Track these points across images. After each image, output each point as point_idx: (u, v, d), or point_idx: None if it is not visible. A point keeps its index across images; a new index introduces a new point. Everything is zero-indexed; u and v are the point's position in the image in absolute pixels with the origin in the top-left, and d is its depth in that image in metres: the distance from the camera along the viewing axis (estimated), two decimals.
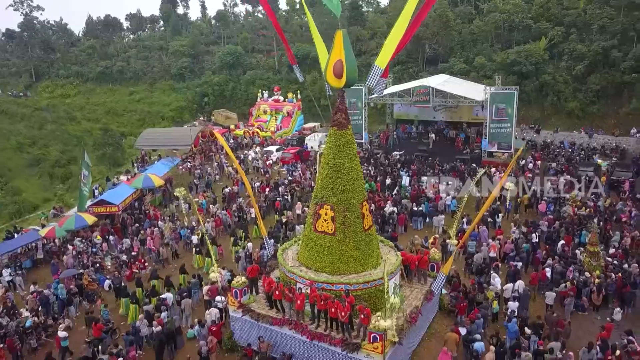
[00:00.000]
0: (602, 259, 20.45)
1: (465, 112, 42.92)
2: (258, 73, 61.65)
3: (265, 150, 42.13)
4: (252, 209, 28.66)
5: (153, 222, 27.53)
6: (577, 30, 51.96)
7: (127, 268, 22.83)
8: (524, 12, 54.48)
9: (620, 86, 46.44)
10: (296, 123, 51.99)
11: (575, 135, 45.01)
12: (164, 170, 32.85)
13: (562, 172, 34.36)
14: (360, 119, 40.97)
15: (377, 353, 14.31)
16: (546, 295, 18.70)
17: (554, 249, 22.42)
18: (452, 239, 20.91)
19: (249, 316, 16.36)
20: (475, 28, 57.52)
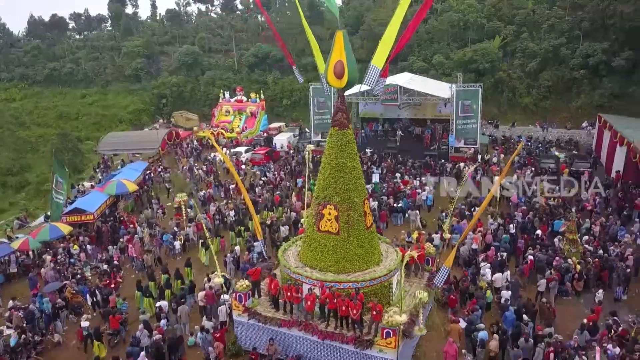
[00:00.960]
0: (581, 246, 21.66)
1: (429, 109, 44.03)
2: (217, 73, 60.71)
3: (234, 151, 41.60)
4: (232, 212, 28.48)
5: (130, 229, 26.64)
6: (527, 29, 54.51)
7: (109, 277, 22.02)
8: (477, 11, 56.51)
9: (570, 82, 49.12)
10: (261, 123, 51.61)
11: (531, 129, 47.25)
12: (135, 175, 31.80)
13: (525, 165, 36.05)
14: (329, 118, 41.11)
15: (390, 348, 14.56)
16: (538, 283, 19.58)
17: (534, 239, 23.53)
18: (446, 233, 21.52)
19: (255, 320, 16.21)
20: (431, 27, 59.11)
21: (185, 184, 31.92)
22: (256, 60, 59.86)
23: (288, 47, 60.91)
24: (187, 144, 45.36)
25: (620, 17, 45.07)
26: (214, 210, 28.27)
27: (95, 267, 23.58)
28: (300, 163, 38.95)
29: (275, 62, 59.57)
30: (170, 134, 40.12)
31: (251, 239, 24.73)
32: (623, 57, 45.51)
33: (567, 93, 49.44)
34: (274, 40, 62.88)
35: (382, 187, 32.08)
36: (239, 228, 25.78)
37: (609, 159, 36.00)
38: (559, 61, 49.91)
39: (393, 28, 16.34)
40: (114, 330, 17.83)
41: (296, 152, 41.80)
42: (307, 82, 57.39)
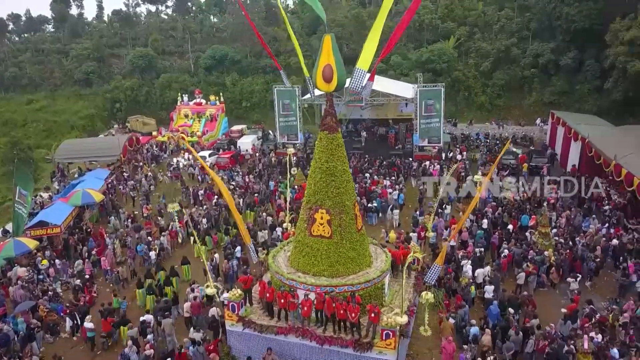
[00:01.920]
0: (552, 239, 22.64)
1: (391, 110, 44.77)
2: (173, 76, 59.16)
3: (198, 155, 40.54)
4: (204, 219, 27.85)
5: (99, 241, 25.53)
6: (479, 30, 56.45)
7: (83, 292, 21.05)
8: (432, 12, 57.92)
9: (522, 80, 51.30)
10: (221, 126, 50.76)
11: (487, 127, 48.94)
12: (99, 184, 30.48)
13: (487, 162, 37.33)
14: (295, 120, 41.05)
15: (390, 349, 14.70)
16: (518, 276, 20.30)
17: (507, 233, 24.39)
18: (429, 232, 21.92)
19: (251, 329, 15.92)
20: (387, 28, 59.92)
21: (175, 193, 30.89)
22: (213, 62, 58.81)
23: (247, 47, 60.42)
24: (147, 149, 43.96)
25: (566, 19, 47.41)
26: (186, 218, 27.48)
27: (66, 283, 22.45)
28: (268, 166, 38.65)
29: (233, 63, 58.73)
30: (131, 139, 38.71)
31: (229, 245, 24.32)
32: (570, 56, 47.95)
33: (520, 91, 51.60)
34: (230, 41, 62.14)
35: None
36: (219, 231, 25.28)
37: (564, 154, 37.83)
38: (510, 61, 51.97)
39: (376, 30, 16.51)
40: (106, 333, 17.82)
41: (262, 155, 41.38)
42: (267, 84, 57.35)
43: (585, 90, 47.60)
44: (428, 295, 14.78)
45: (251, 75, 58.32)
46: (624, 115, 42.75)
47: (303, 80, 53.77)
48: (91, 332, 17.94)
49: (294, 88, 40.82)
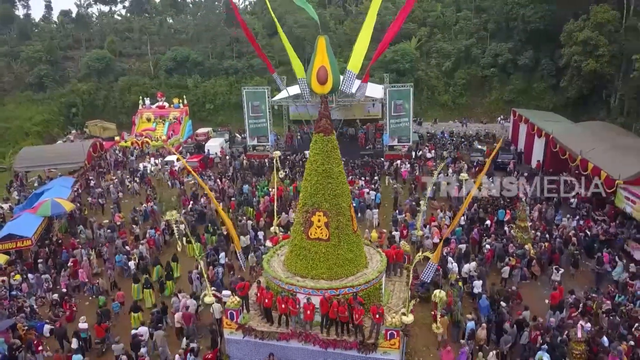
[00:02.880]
0: (531, 233, 23.44)
1: (359, 110, 45.21)
2: (133, 79, 57.31)
3: (166, 160, 39.59)
4: (182, 225, 27.11)
5: (71, 252, 24.40)
6: (439, 31, 57.79)
7: (63, 308, 20.10)
8: (393, 13, 58.68)
9: (482, 79, 52.91)
10: (186, 129, 49.68)
11: (451, 125, 50.17)
12: (67, 193, 29.12)
13: (456, 159, 38.26)
14: (265, 121, 40.68)
15: (394, 349, 14.79)
16: (502, 270, 20.89)
17: (486, 228, 25.07)
18: (418, 231, 22.21)
19: (251, 336, 15.63)
20: (348, 29, 60.50)
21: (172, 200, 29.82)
22: (174, 64, 57.42)
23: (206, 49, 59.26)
24: (111, 155, 42.42)
25: (522, 20, 49.29)
26: (163, 225, 26.75)
27: (41, 298, 21.33)
28: (238, 169, 38.10)
29: (194, 65, 57.55)
30: (94, 145, 37.23)
31: (211, 251, 23.80)
32: (526, 56, 49.88)
33: (480, 90, 53.20)
34: (191, 42, 60.86)
35: None
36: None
37: (527, 150, 39.24)
38: (471, 60, 53.50)
39: (366, 32, 16.61)
40: (100, 339, 17.61)
41: (232, 158, 40.74)
42: (230, 86, 56.58)
43: (542, 88, 49.63)
44: (441, 294, 14.95)
45: (214, 77, 57.32)
46: (579, 112, 44.85)
47: (267, 81, 53.82)
48: (84, 333, 17.63)
49: (264, 89, 40.49)
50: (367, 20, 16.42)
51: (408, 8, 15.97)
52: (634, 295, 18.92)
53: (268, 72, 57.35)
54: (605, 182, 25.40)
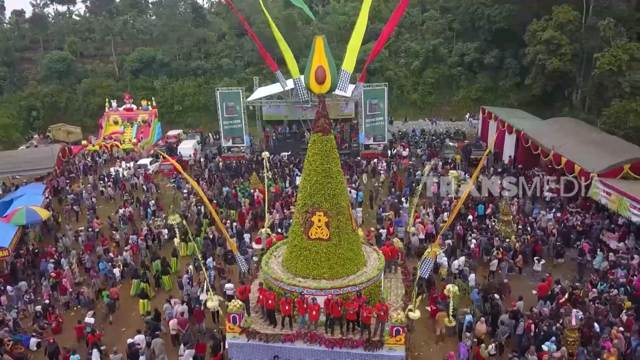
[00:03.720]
0: (514, 226, 24.16)
1: (332, 109, 44.92)
2: (96, 81, 55.50)
3: (139, 164, 38.56)
4: (165, 230, 26.56)
5: (51, 261, 23.45)
6: (407, 31, 58.70)
7: (48, 320, 19.31)
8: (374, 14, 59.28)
9: (450, 78, 54.15)
10: (155, 131, 48.57)
11: (421, 123, 51.02)
12: (40, 200, 27.93)
13: (430, 157, 38.96)
14: (240, 122, 40.23)
15: (399, 345, 14.97)
16: (491, 263, 21.44)
17: (468, 223, 25.66)
18: (410, 227, 22.48)
19: (256, 339, 15.46)
20: (316, 29, 60.58)
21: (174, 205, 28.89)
22: (140, 65, 56.00)
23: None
24: (79, 160, 40.97)
25: (487, 20, 50.72)
26: (145, 230, 26.06)
27: (23, 310, 20.41)
28: (214, 172, 37.52)
29: (161, 66, 56.31)
30: (63, 150, 35.88)
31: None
32: (492, 55, 51.42)
33: (448, 88, 54.41)
34: (157, 43, 59.51)
35: None
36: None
37: (498, 146, 40.33)
38: (438, 60, 54.60)
39: (358, 32, 16.74)
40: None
41: (207, 160, 40.08)
42: (199, 87, 55.67)
43: (507, 86, 51.26)
44: (454, 288, 15.18)
45: (181, 78, 56.27)
46: (543, 109, 46.51)
47: (237, 81, 53.24)
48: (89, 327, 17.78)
49: (238, 90, 40.09)
50: (360, 19, 16.58)
51: (402, 9, 16.16)
52: (616, 282, 19.81)
53: (238, 73, 57.08)
54: (580, 175, 26.46)
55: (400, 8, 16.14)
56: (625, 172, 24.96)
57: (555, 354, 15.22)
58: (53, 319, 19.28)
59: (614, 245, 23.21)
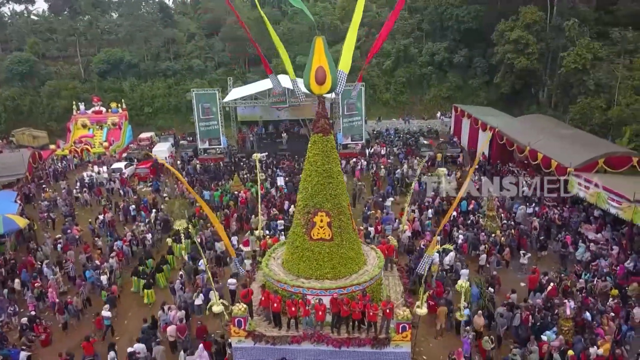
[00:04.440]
0: (499, 221, 24.83)
1: (307, 110, 45.23)
2: (61, 83, 53.57)
3: (113, 168, 37.52)
4: (149, 234, 25.96)
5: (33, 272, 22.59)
6: (377, 31, 59.23)
7: (35, 332, 18.59)
8: (331, 14, 59.55)
9: (421, 77, 55.10)
10: (126, 134, 47.37)
11: (394, 122, 51.66)
12: (15, 207, 26.78)
13: (407, 155, 39.54)
14: (216, 123, 39.71)
15: (406, 342, 15.18)
16: (480, 258, 21.98)
17: (454, 219, 26.20)
18: (404, 225, 22.74)
19: (262, 342, 15.34)
20: (286, 29, 60.46)
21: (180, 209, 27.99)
22: (107, 66, 54.45)
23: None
24: (49, 165, 39.52)
25: (456, 20, 51.88)
26: (129, 236, 25.40)
27: (7, 323, 19.57)
28: (193, 174, 36.91)
29: (129, 67, 54.93)
30: (34, 155, 34.52)
31: (188, 260, 23.01)
32: (461, 54, 52.64)
33: (419, 87, 55.35)
34: (123, 43, 58.02)
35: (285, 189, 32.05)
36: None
37: (472, 143, 41.32)
38: (409, 59, 55.47)
39: (352, 33, 16.86)
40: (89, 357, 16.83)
41: (183, 163, 39.38)
42: (169, 88, 54.61)
43: (476, 84, 52.59)
44: (466, 284, 15.43)
45: (151, 79, 55.06)
46: (511, 106, 47.96)
47: (208, 82, 52.52)
48: (107, 320, 18.60)
49: (215, 91, 39.59)
50: (354, 20, 16.68)
51: (398, 9, 16.38)
52: (599, 272, 20.66)
53: (209, 74, 56.31)
54: (557, 170, 27.43)
55: (398, 8, 16.34)
56: (600, 166, 26.06)
57: (553, 342, 15.77)
58: (41, 330, 18.56)
59: (592, 237, 24.16)
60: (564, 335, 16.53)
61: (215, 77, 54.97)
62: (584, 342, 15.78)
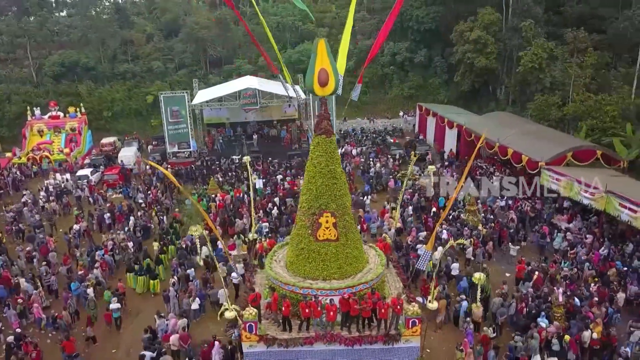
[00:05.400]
0: (479, 215, 25.78)
1: (275, 111, 45.35)
2: (11, 87, 50.67)
3: (79, 175, 36.03)
4: (130, 242, 25.20)
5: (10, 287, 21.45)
6: (337, 31, 59.75)
7: (25, 351, 17.71)
8: (292, 14, 59.52)
9: (383, 77, 56.12)
10: (87, 140, 45.57)
11: (359, 122, 52.34)
12: None
13: (377, 154, 40.22)
14: (186, 127, 38.91)
15: (415, 336, 15.58)
16: (467, 251, 22.75)
17: (435, 215, 26.98)
18: (395, 222, 23.15)
19: (275, 346, 15.30)
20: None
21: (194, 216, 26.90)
22: (62, 69, 52.07)
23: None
24: (7, 174, 37.42)
25: (416, 21, 53.17)
26: (110, 244, 24.56)
27: None
28: (163, 178, 35.97)
29: (86, 70, 52.79)
30: None
31: (176, 267, 22.56)
32: (421, 54, 53.99)
33: (381, 87, 56.34)
34: (78, 45, 55.71)
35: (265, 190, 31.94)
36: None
37: (438, 141, 42.54)
38: (371, 59, 56.19)
39: (346, 36, 17.29)
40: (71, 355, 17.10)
41: (153, 168, 38.20)
42: (128, 91, 52.86)
43: (437, 83, 54.14)
44: (481, 276, 15.91)
45: (109, 82, 53.12)
46: (471, 104, 49.70)
47: (169, 84, 51.24)
48: (116, 313, 19.43)
49: (183, 93, 38.81)
50: (347, 23, 17.09)
51: (396, 11, 16.75)
52: (577, 260, 21.90)
53: (170, 75, 54.93)
54: (528, 165, 28.75)
55: (394, 11, 16.70)
56: (568, 160, 27.56)
57: (549, 328, 16.62)
58: (32, 348, 17.66)
59: (565, 227, 25.55)
60: (556, 321, 17.45)
61: (177, 79, 53.77)
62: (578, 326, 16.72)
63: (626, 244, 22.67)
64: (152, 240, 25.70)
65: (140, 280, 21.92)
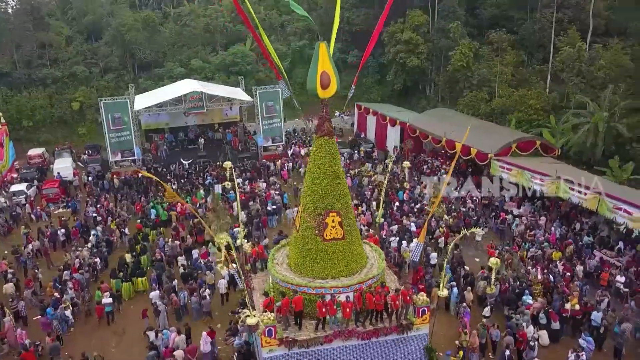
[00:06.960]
0: (443, 206, 27.36)
1: (216, 114, 44.47)
2: None
3: (14, 190, 33.11)
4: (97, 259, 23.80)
5: None
6: (269, 33, 59.75)
7: None
8: (222, 15, 58.52)
9: None
10: (10, 152, 41.79)
11: (297, 122, 52.81)
12: None
13: None
14: (129, 134, 37.01)
15: (425, 324, 16.48)
16: (439, 241, 24.12)
17: (399, 208, 28.22)
18: (379, 218, 23.87)
19: (297, 347, 15.42)
20: (178, 33, 58.09)
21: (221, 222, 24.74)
22: None
23: None
24: None
25: (347, 22, 54.62)
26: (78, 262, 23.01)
27: None
28: (108, 189, 34.13)
29: (0, 76, 48.30)
30: None
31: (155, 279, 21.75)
32: (353, 54, 55.58)
33: None
34: None
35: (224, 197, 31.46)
36: None
37: (380, 139, 44.04)
38: (305, 60, 56.86)
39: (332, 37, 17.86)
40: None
41: (96, 179, 35.99)
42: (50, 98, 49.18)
43: (369, 82, 56.00)
44: (495, 260, 16.91)
45: (27, 89, 48.97)
46: (403, 101, 52.04)
47: (96, 90, 48.25)
48: (108, 307, 19.90)
49: (126, 99, 36.97)
50: (334, 28, 17.64)
51: (386, 13, 17.51)
52: (536, 241, 24.06)
53: (95, 80, 51.74)
54: (477, 157, 30.88)
55: (385, 13, 17.45)
56: (513, 150, 30.03)
57: (535, 304, 18.28)
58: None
59: (516, 212, 27.88)
60: (536, 297, 19.20)
61: (104, 84, 50.83)
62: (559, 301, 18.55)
63: (574, 224, 25.24)
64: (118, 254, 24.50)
65: (125, 287, 21.68)
